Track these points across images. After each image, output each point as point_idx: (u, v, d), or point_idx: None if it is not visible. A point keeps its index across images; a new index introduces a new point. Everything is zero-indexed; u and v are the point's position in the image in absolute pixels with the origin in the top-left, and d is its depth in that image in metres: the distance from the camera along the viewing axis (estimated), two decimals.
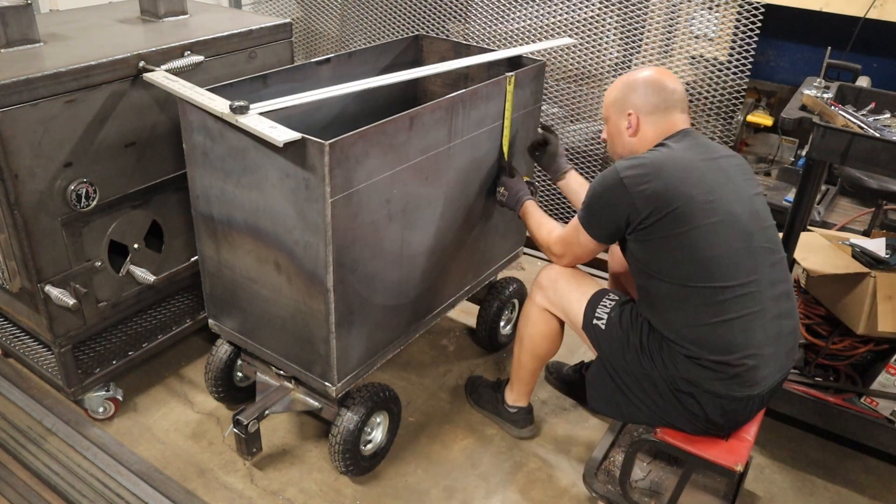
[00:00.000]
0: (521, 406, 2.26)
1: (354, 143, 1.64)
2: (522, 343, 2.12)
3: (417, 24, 3.45)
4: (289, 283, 1.82)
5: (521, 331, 2.12)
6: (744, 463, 1.69)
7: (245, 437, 2.01)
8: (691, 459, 1.75)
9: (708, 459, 1.71)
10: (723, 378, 1.65)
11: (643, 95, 1.80)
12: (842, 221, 3.02)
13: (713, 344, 1.64)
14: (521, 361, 2.16)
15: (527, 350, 2.11)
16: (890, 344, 2.12)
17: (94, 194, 1.96)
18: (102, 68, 1.90)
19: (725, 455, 1.70)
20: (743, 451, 1.72)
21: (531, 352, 2.11)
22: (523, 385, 2.22)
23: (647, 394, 1.76)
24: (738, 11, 2.72)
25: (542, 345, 2.09)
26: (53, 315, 1.99)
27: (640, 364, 1.75)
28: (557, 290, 1.99)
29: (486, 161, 2.16)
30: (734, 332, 1.64)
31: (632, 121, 1.81)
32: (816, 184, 2.04)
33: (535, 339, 2.08)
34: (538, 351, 2.11)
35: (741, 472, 1.69)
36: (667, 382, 1.72)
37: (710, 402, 1.68)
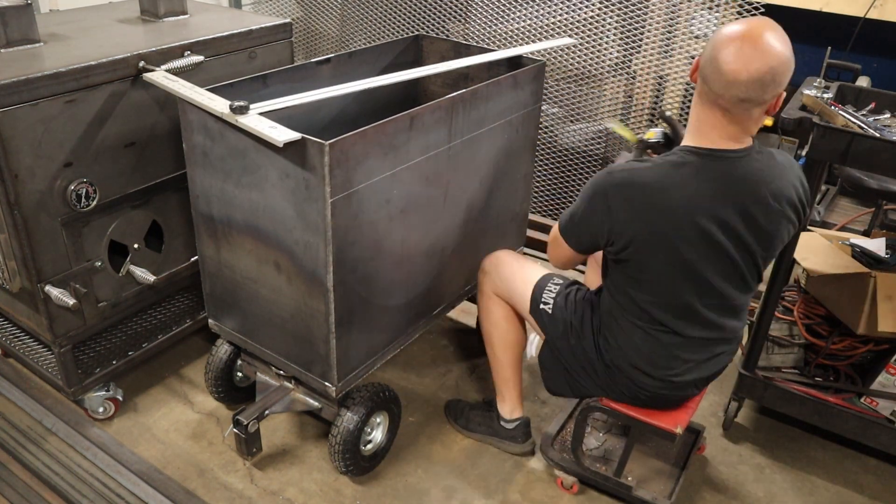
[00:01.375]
0: (519, 418, 2.17)
1: (354, 143, 1.64)
2: (490, 337, 2.09)
3: (417, 24, 3.45)
4: (289, 283, 1.82)
5: (484, 325, 2.10)
6: (684, 426, 1.81)
7: (245, 437, 2.01)
8: (635, 424, 1.87)
9: (650, 423, 1.84)
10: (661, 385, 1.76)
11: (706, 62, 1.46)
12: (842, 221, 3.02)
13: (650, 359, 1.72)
14: (497, 359, 2.11)
15: (497, 343, 2.08)
16: (890, 344, 2.12)
17: (94, 194, 1.96)
18: (102, 68, 1.90)
19: (667, 419, 1.83)
20: (684, 417, 1.84)
21: (502, 343, 2.08)
22: (512, 388, 2.14)
23: (590, 373, 1.83)
24: (738, 11, 2.72)
25: (508, 329, 2.06)
26: (53, 315, 1.99)
27: (582, 346, 1.81)
28: (501, 276, 1.99)
29: (486, 161, 2.16)
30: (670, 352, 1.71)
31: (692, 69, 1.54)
32: (816, 184, 2.04)
33: (500, 327, 2.06)
34: (507, 338, 2.07)
35: (680, 434, 1.81)
36: (606, 366, 1.79)
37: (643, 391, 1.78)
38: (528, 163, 2.40)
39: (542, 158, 3.33)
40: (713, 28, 2.85)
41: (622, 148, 3.17)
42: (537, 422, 2.34)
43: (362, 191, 1.71)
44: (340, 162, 1.61)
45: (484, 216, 2.26)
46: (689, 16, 2.88)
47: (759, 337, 2.14)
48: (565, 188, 3.33)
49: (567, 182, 3.32)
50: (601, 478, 2.03)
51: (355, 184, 1.68)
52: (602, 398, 1.87)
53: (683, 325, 1.67)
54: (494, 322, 2.07)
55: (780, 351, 2.24)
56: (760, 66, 1.39)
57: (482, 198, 2.21)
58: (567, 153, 3.27)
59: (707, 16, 2.85)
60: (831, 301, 2.21)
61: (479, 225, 2.25)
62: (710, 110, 1.50)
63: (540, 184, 3.39)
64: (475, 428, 2.24)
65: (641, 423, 1.85)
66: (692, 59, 2.89)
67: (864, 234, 2.68)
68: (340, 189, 1.64)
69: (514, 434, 2.19)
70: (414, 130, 1.81)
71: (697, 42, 2.89)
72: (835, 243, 2.32)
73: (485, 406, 2.28)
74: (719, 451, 2.27)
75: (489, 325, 2.08)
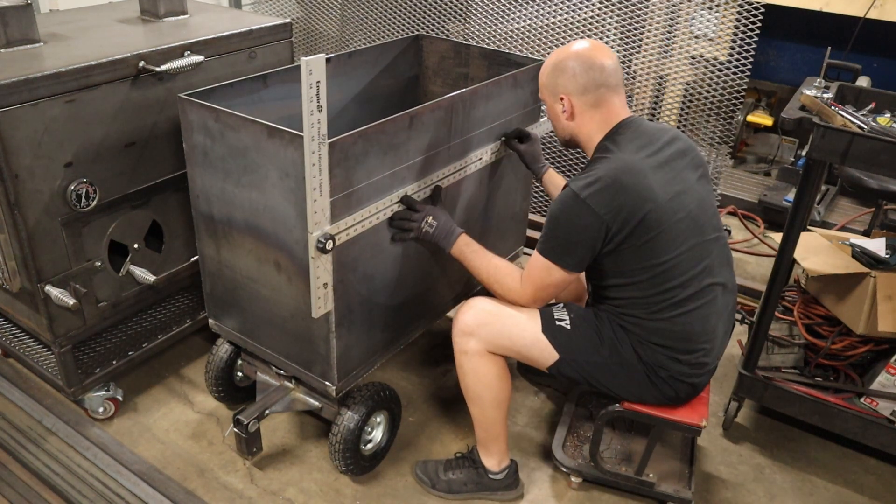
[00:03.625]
0: (507, 466, 2.03)
1: (354, 143, 1.64)
2: (479, 398, 1.91)
3: (417, 24, 3.45)
4: (289, 283, 1.82)
5: (470, 386, 1.90)
6: (706, 418, 1.85)
7: (245, 437, 2.01)
8: (659, 423, 1.87)
9: (675, 420, 1.85)
10: (687, 364, 1.77)
11: (571, 76, 1.72)
12: (842, 221, 3.03)
13: (675, 336, 1.74)
14: (488, 418, 1.94)
15: (490, 402, 1.90)
16: (890, 344, 2.12)
17: (94, 194, 1.96)
18: (102, 68, 1.90)
19: (689, 414, 1.85)
20: (703, 409, 1.87)
21: (495, 402, 1.91)
22: (500, 441, 1.99)
23: (619, 380, 1.81)
24: (738, 11, 2.72)
25: (502, 387, 1.89)
26: (53, 315, 1.99)
27: (618, 353, 1.78)
28: (492, 328, 1.82)
29: (485, 161, 2.16)
30: (693, 323, 1.74)
31: (565, 104, 1.75)
32: (816, 184, 2.04)
33: (493, 387, 1.88)
34: (501, 396, 1.90)
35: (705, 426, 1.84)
36: (643, 368, 1.78)
37: (679, 382, 1.79)
38: None
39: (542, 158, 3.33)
40: (713, 28, 2.85)
41: None
42: (537, 423, 2.35)
43: (362, 190, 1.71)
44: (340, 161, 1.61)
45: (484, 216, 2.26)
46: (689, 16, 2.88)
47: (759, 337, 2.14)
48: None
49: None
50: (622, 478, 2.04)
51: (355, 183, 1.69)
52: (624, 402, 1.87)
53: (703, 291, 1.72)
54: (487, 383, 1.87)
55: (780, 351, 2.24)
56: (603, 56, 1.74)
57: (482, 198, 2.21)
58: (566, 153, 3.27)
59: (707, 16, 2.85)
60: (831, 301, 2.21)
61: (479, 225, 2.25)
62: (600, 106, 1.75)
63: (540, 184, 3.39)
64: (460, 489, 2.04)
65: (665, 422, 1.85)
66: (692, 60, 2.90)
67: (864, 234, 2.69)
68: (340, 188, 1.64)
69: (507, 483, 2.04)
70: (414, 130, 1.81)
71: (697, 42, 2.89)
72: (835, 243, 2.32)
73: (462, 461, 2.07)
74: (719, 451, 2.27)
75: (480, 386, 1.88)
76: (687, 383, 1.80)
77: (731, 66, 2.78)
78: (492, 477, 2.02)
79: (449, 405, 2.41)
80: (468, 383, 1.90)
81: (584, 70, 1.71)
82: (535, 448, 2.25)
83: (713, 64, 2.86)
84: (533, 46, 3.15)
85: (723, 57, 2.85)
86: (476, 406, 1.93)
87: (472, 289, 2.38)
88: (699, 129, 2.97)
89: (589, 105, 1.74)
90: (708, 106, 2.90)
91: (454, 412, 2.38)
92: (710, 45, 2.89)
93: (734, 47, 2.75)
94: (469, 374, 1.88)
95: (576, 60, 1.72)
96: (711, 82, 2.86)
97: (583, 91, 1.72)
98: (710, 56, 2.88)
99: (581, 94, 1.73)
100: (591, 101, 1.74)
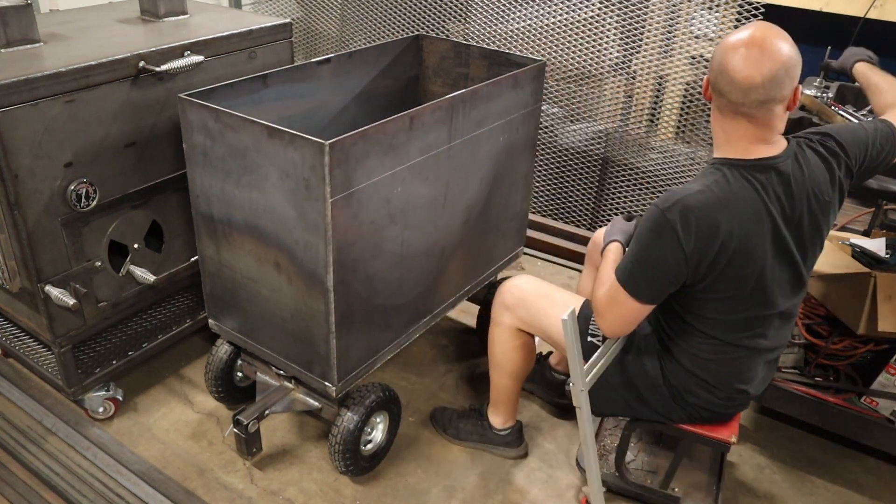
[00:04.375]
0: (512, 426, 2.16)
1: (354, 143, 1.64)
2: (500, 367, 2.03)
3: (417, 24, 3.45)
4: (289, 283, 1.82)
5: (496, 355, 2.02)
6: (736, 434, 1.80)
7: (245, 437, 2.01)
8: (687, 437, 1.84)
9: (704, 435, 1.81)
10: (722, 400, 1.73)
11: (716, 75, 1.49)
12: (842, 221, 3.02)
13: (723, 374, 1.69)
14: (501, 385, 2.07)
15: (505, 373, 2.03)
16: (890, 344, 2.12)
17: (94, 194, 1.96)
18: (102, 68, 1.90)
19: (719, 430, 1.81)
20: (733, 424, 1.83)
21: (510, 373, 2.03)
22: (510, 405, 2.12)
23: (650, 398, 1.77)
24: (738, 11, 2.72)
25: (520, 362, 2.01)
26: (53, 315, 1.99)
27: (644, 373, 1.74)
28: (529, 309, 1.89)
29: (486, 161, 2.16)
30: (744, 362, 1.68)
31: (703, 85, 1.57)
32: None
33: (514, 358, 2.00)
34: (517, 370, 2.03)
35: (735, 442, 1.80)
36: (669, 390, 1.73)
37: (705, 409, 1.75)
38: (528, 163, 2.40)
39: (542, 158, 3.33)
40: (713, 28, 2.85)
41: (618, 151, 3.17)
42: (538, 423, 2.35)
43: (362, 191, 1.71)
44: (340, 162, 1.61)
45: (484, 216, 2.26)
46: (689, 16, 2.88)
47: None
48: (565, 188, 3.34)
49: (567, 182, 3.32)
50: (647, 491, 2.02)
51: (355, 184, 1.68)
52: None
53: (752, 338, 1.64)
54: (510, 356, 1.99)
55: None
56: (772, 66, 1.41)
57: (482, 198, 2.21)
58: (567, 153, 3.27)
59: (707, 16, 2.85)
60: (831, 301, 2.21)
61: (479, 225, 2.25)
62: (735, 120, 1.50)
63: (540, 184, 3.39)
64: (466, 437, 2.21)
65: (694, 436, 1.81)
66: (692, 60, 2.90)
67: (864, 234, 2.68)
68: (340, 189, 1.64)
69: (508, 440, 2.16)
70: (414, 130, 1.81)
71: (697, 42, 2.89)
72: (835, 243, 2.31)
73: (473, 413, 2.24)
74: None
75: (504, 357, 2.00)
76: (715, 412, 1.75)
77: None
78: (495, 432, 2.16)
79: (449, 405, 2.41)
80: (494, 350, 2.03)
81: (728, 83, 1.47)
82: (560, 458, 2.24)
83: None
84: (533, 46, 3.15)
85: None
86: (495, 371, 2.06)
87: (472, 289, 2.38)
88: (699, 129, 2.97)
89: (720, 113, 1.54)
90: (708, 106, 2.90)
91: (447, 407, 2.38)
92: (710, 45, 2.89)
93: None
94: (497, 344, 2.00)
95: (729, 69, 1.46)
96: None
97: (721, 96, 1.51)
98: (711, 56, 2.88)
99: (719, 96, 1.52)
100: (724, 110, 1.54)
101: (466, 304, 2.50)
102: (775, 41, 1.42)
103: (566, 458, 2.21)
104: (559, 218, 3.39)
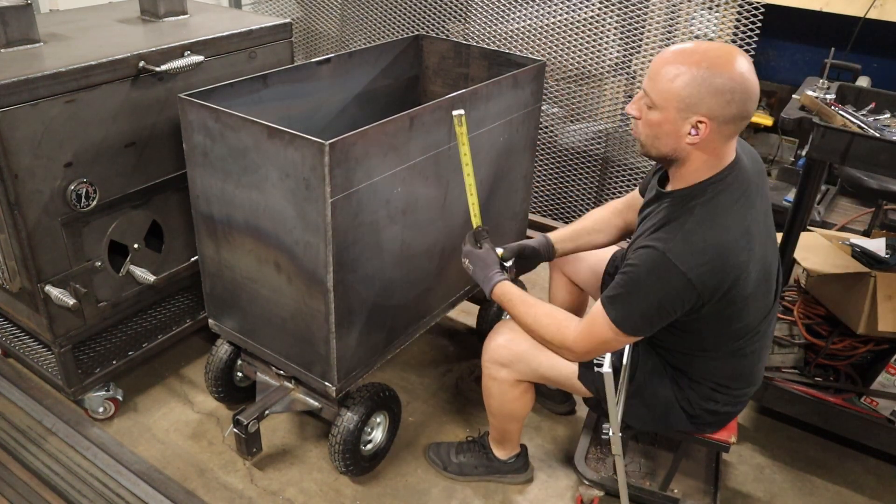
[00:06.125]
0: (517, 454, 2.08)
1: (354, 143, 1.64)
2: (501, 415, 1.95)
3: (417, 24, 3.45)
4: (289, 283, 1.82)
5: (494, 407, 1.93)
6: (735, 434, 1.80)
7: (245, 437, 2.01)
8: (686, 438, 1.83)
9: (703, 437, 1.81)
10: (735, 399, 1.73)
11: (726, 103, 1.38)
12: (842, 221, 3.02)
13: (730, 377, 1.68)
14: (503, 426, 1.99)
15: (507, 418, 1.95)
16: (890, 344, 2.12)
17: (94, 194, 1.96)
18: (102, 68, 1.90)
19: (718, 431, 1.81)
20: (732, 425, 1.83)
21: (513, 419, 1.96)
22: (511, 440, 2.05)
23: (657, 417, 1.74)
24: (738, 11, 2.72)
25: (523, 408, 1.93)
26: (53, 315, 1.99)
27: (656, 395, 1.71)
28: (531, 364, 1.79)
29: (486, 161, 2.16)
30: (750, 365, 1.69)
31: (701, 130, 1.41)
32: (816, 184, 2.04)
33: (515, 408, 1.91)
34: (520, 415, 1.95)
35: (735, 443, 1.81)
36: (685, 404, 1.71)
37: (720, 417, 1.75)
38: (528, 163, 2.40)
39: (542, 158, 3.33)
40: (713, 28, 2.85)
41: (618, 151, 3.17)
42: (538, 423, 2.35)
43: (362, 191, 1.71)
44: (340, 162, 1.61)
45: (484, 216, 2.25)
46: (689, 16, 2.88)
47: None
48: (565, 188, 3.33)
49: (567, 182, 3.32)
50: (646, 493, 2.01)
51: (355, 184, 1.68)
52: None
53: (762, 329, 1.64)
54: (511, 405, 1.90)
55: (780, 351, 2.23)
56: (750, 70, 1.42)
57: (482, 198, 2.21)
58: (567, 153, 3.27)
59: (707, 16, 2.85)
60: (831, 301, 2.21)
61: None
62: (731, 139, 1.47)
63: (540, 184, 3.39)
64: (471, 472, 2.11)
65: (693, 438, 1.81)
66: None
67: (864, 234, 2.69)
68: (340, 189, 1.64)
69: (516, 467, 2.09)
70: (414, 130, 1.81)
71: None
72: (835, 243, 2.32)
73: (473, 446, 2.12)
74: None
75: (504, 408, 1.91)
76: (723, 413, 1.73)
77: None
78: (501, 461, 2.08)
79: (449, 405, 2.41)
80: (492, 403, 1.92)
81: (741, 98, 1.38)
82: (560, 458, 2.24)
83: None
84: (533, 46, 3.15)
85: None
86: (495, 418, 1.97)
87: (472, 289, 2.38)
88: None
89: (723, 138, 1.44)
90: None
91: (454, 412, 2.38)
92: None
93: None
94: (495, 397, 1.89)
95: (733, 82, 1.37)
96: None
97: (729, 121, 1.40)
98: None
99: (725, 123, 1.40)
100: (728, 135, 1.44)
101: (466, 304, 2.50)
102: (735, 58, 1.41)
103: (566, 459, 2.21)
104: (559, 218, 3.39)
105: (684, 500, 2.00)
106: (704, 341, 1.60)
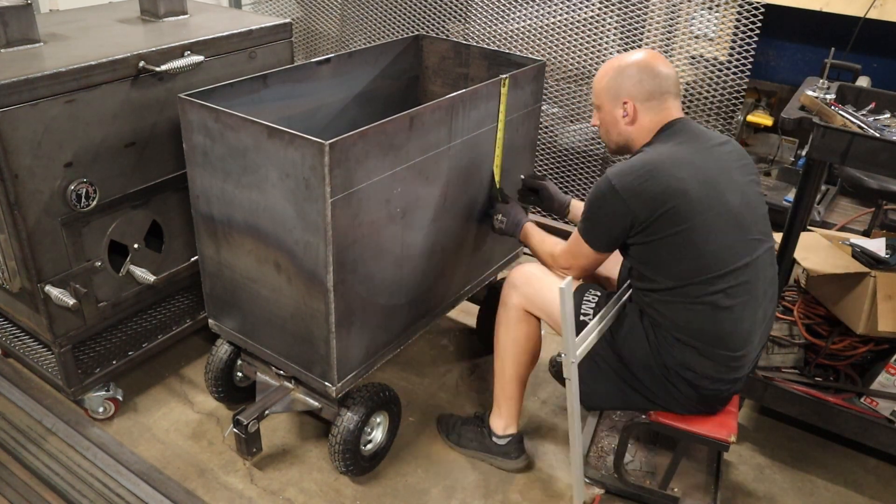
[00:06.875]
0: (512, 434, 2.12)
1: (354, 143, 1.64)
2: (504, 351, 2.04)
3: (417, 24, 3.45)
4: (289, 283, 1.82)
5: (501, 337, 2.04)
6: (735, 434, 1.80)
7: (245, 437, 2.01)
8: (686, 437, 1.83)
9: (702, 435, 1.80)
10: (717, 365, 1.73)
11: (637, 82, 1.76)
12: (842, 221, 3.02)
13: (709, 334, 1.71)
14: (506, 375, 2.05)
15: (512, 358, 2.03)
16: (890, 344, 2.12)
17: (94, 194, 1.96)
18: (102, 68, 1.90)
19: (718, 429, 1.81)
20: (732, 424, 1.82)
21: (518, 360, 2.03)
22: (513, 405, 2.09)
23: (640, 381, 1.79)
24: (738, 11, 2.72)
25: (525, 348, 2.01)
26: (53, 315, 1.99)
27: (634, 354, 1.77)
28: (534, 287, 1.95)
29: (486, 161, 2.16)
30: (729, 323, 1.70)
31: (628, 109, 1.78)
32: (816, 184, 2.04)
33: (518, 343, 2.01)
34: (524, 357, 2.03)
35: (734, 442, 1.80)
36: (661, 370, 1.75)
37: (704, 385, 1.75)
38: (528, 163, 2.40)
39: (542, 158, 3.33)
40: (713, 28, 2.85)
41: None
42: (537, 423, 2.35)
43: (362, 191, 1.71)
44: (340, 162, 1.61)
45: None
46: (689, 16, 2.88)
47: None
48: (565, 188, 3.33)
49: (567, 182, 3.32)
50: (646, 492, 2.02)
51: (355, 184, 1.68)
52: (650, 413, 1.83)
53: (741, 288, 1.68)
54: (515, 338, 2.01)
55: (780, 351, 2.24)
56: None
57: (482, 198, 2.21)
58: (567, 153, 3.27)
59: (707, 16, 2.85)
60: (831, 301, 2.21)
61: (479, 225, 2.25)
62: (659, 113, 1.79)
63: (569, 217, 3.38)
64: (467, 444, 2.19)
65: (692, 436, 1.81)
66: (692, 60, 2.90)
67: (864, 234, 2.68)
68: (340, 189, 1.64)
69: (506, 450, 2.13)
70: (414, 130, 1.81)
71: (697, 42, 2.89)
72: (835, 243, 2.31)
73: (476, 421, 2.22)
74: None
75: (508, 340, 2.02)
76: (710, 390, 1.75)
77: (731, 67, 2.78)
78: (494, 440, 2.14)
79: (449, 405, 2.41)
80: (500, 334, 2.04)
81: (649, 76, 1.76)
82: (560, 457, 2.24)
83: (713, 64, 2.86)
84: (533, 46, 3.15)
85: (723, 57, 2.84)
86: (500, 359, 2.06)
87: (472, 289, 2.38)
88: None
89: (650, 110, 1.78)
90: (708, 106, 2.90)
91: (454, 412, 2.38)
92: (710, 45, 2.89)
93: (734, 47, 2.75)
94: (502, 325, 2.03)
95: (638, 67, 1.77)
96: (711, 82, 2.86)
97: (647, 97, 1.76)
98: (710, 56, 2.88)
99: (645, 99, 1.77)
100: (653, 106, 1.77)
101: (466, 304, 2.50)
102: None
103: (566, 459, 2.21)
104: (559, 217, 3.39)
105: (684, 500, 2.00)
106: (670, 274, 1.69)
